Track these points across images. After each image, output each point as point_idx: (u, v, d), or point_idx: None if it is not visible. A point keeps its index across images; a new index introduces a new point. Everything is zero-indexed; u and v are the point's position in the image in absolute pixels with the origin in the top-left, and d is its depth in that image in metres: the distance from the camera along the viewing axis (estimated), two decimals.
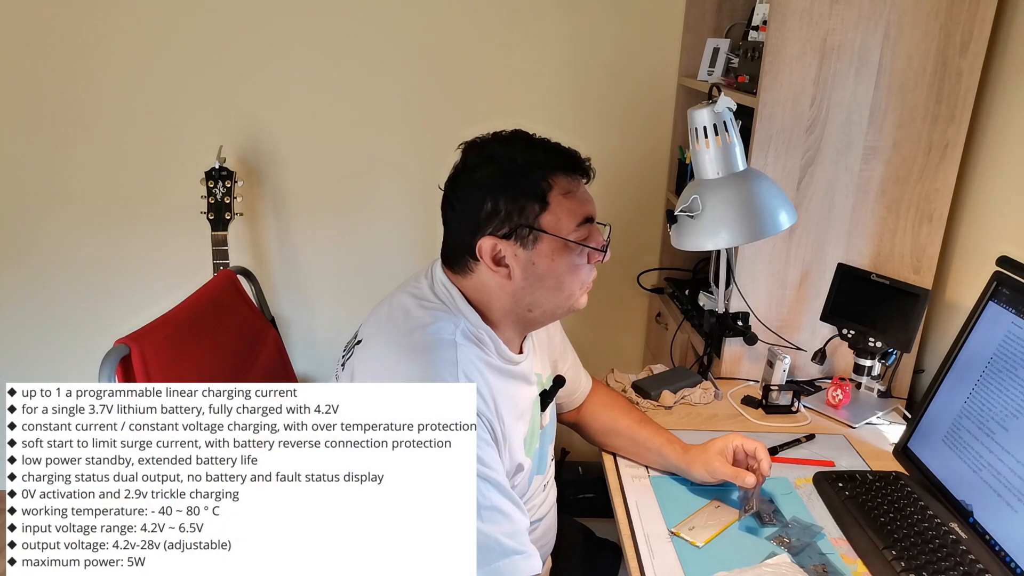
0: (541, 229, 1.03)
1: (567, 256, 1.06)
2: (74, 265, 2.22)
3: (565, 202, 1.04)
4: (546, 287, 1.07)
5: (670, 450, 1.25)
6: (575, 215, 1.05)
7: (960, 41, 1.43)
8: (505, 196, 1.03)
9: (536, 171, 1.03)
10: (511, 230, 1.03)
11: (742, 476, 1.15)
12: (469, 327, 1.06)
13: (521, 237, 1.03)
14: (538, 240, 1.04)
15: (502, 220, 1.03)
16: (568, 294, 1.09)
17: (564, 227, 1.04)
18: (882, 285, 1.47)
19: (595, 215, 1.09)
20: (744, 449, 1.19)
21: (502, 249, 1.04)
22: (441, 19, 2.03)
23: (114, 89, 2.07)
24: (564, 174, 1.05)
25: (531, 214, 1.03)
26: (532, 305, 1.08)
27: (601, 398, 1.38)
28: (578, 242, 1.06)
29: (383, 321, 1.10)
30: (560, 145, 1.08)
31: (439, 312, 1.07)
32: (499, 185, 1.03)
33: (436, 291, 1.10)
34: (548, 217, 1.04)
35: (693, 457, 1.22)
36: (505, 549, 0.97)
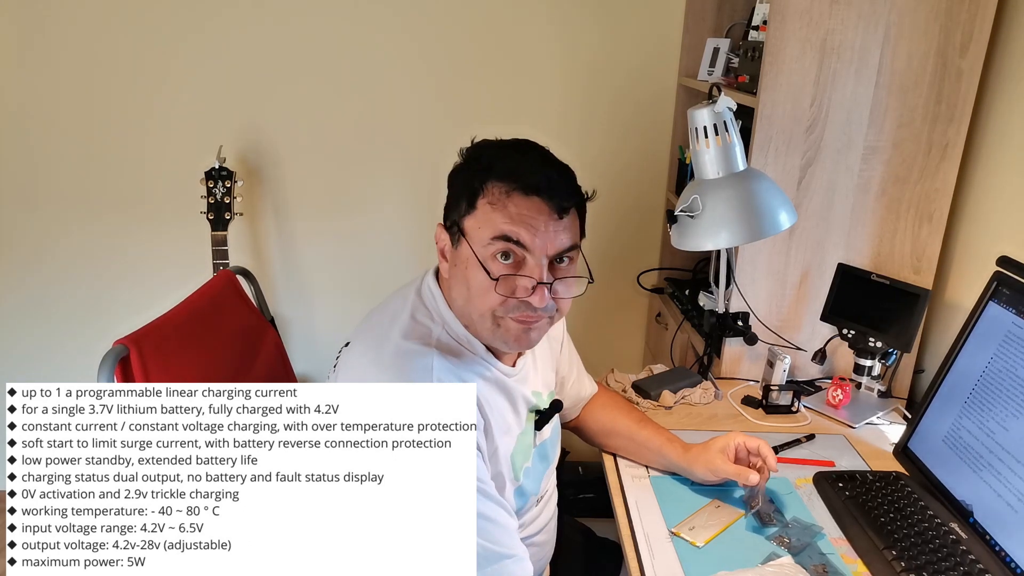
0: (461, 230, 1.02)
1: (474, 270, 1.00)
2: (73, 265, 2.22)
3: (489, 210, 0.98)
4: (468, 296, 1.02)
5: (671, 449, 1.24)
6: (491, 228, 0.98)
7: (960, 41, 1.43)
8: (452, 187, 1.05)
9: (480, 172, 1.00)
10: (450, 223, 1.05)
11: (745, 474, 1.14)
12: (448, 334, 1.05)
13: (452, 233, 1.04)
14: (459, 241, 1.02)
15: (447, 210, 1.05)
16: (480, 313, 1.01)
17: (478, 237, 0.99)
18: (882, 285, 1.47)
19: (524, 241, 0.97)
20: (747, 447, 1.18)
21: (441, 239, 1.06)
22: (441, 20, 2.03)
23: (114, 89, 2.07)
24: (508, 184, 0.98)
25: (460, 211, 1.02)
26: (465, 315, 1.05)
27: (601, 399, 1.38)
28: (479, 257, 0.99)
29: (369, 325, 1.10)
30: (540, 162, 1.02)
31: (421, 317, 1.06)
32: (453, 175, 1.05)
33: (423, 295, 1.10)
34: (470, 220, 1.00)
35: (694, 456, 1.21)
36: (494, 555, 0.97)
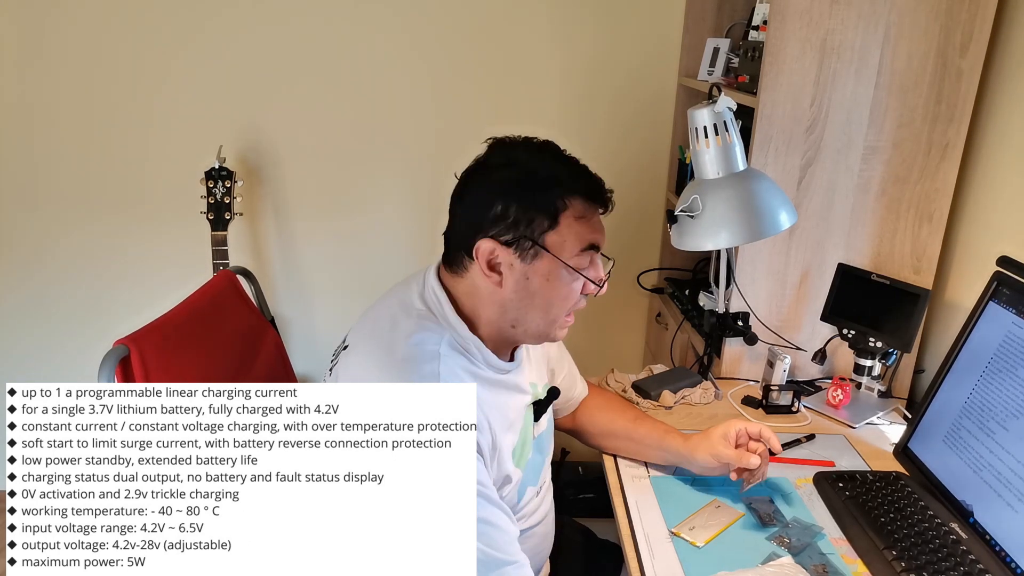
0: (544, 246, 1.02)
1: (562, 280, 1.04)
2: (73, 265, 2.22)
3: (575, 226, 1.03)
4: (535, 306, 1.05)
5: (671, 440, 1.25)
6: (581, 240, 1.03)
7: (960, 41, 1.43)
8: (518, 204, 1.01)
9: (556, 188, 1.02)
10: (514, 239, 1.01)
11: (746, 457, 1.15)
12: (456, 337, 1.05)
13: (522, 248, 1.02)
14: (538, 256, 1.02)
15: (508, 227, 1.01)
16: (552, 319, 1.07)
17: (567, 250, 1.03)
18: (882, 285, 1.47)
19: (602, 245, 1.07)
20: (748, 432, 1.19)
21: (499, 255, 1.02)
22: (442, 20, 2.03)
23: (115, 89, 2.07)
24: (583, 199, 1.03)
25: (538, 229, 1.02)
26: (516, 321, 1.07)
27: (596, 401, 1.38)
28: (576, 269, 1.04)
29: (369, 328, 1.09)
30: (587, 169, 1.07)
31: (426, 321, 1.05)
32: (514, 192, 1.01)
33: (426, 298, 1.08)
34: (554, 236, 1.02)
35: (696, 444, 1.21)
36: (496, 561, 0.97)
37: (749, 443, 1.19)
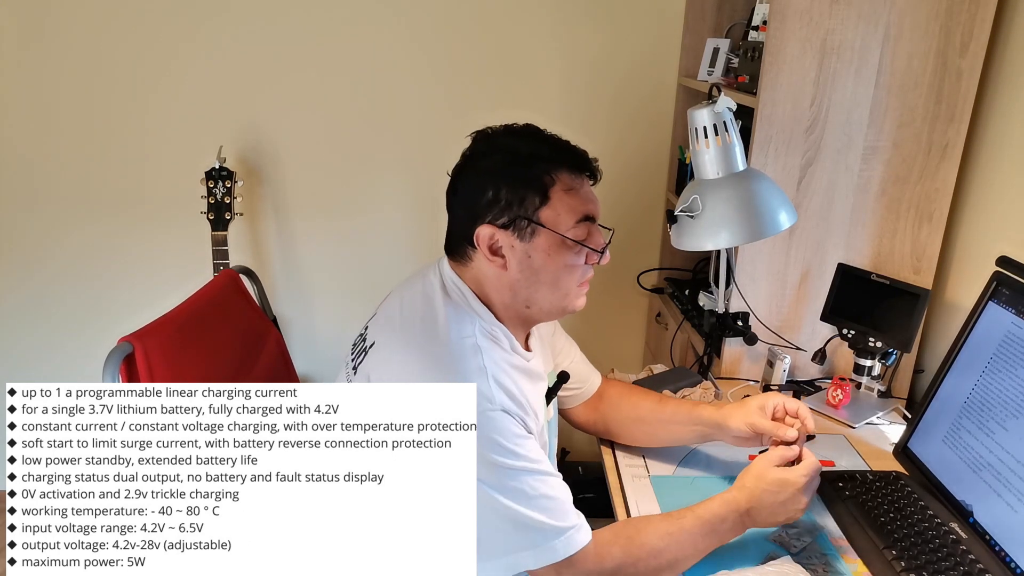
0: (539, 223, 1.04)
1: (564, 253, 1.06)
2: (73, 265, 2.22)
3: (566, 198, 1.05)
4: (542, 282, 1.07)
5: (701, 411, 1.25)
6: (575, 212, 1.05)
7: (960, 41, 1.43)
8: (507, 186, 1.03)
9: (540, 164, 1.04)
10: (510, 220, 1.04)
11: (783, 430, 1.14)
12: (484, 325, 1.06)
13: (519, 228, 1.04)
14: (535, 233, 1.04)
15: (502, 209, 1.04)
16: (564, 292, 1.09)
17: (563, 223, 1.05)
18: (882, 285, 1.48)
19: (597, 215, 1.09)
20: (786, 408, 1.18)
21: (499, 239, 1.04)
22: (441, 19, 2.03)
23: (114, 89, 2.07)
24: (568, 171, 1.06)
25: (531, 206, 1.04)
26: (529, 301, 1.08)
27: (616, 389, 1.37)
28: (575, 240, 1.06)
29: (397, 323, 1.10)
30: (568, 143, 1.09)
31: (457, 312, 1.07)
32: (502, 174, 1.04)
33: (448, 289, 1.10)
34: (547, 211, 1.04)
35: (730, 412, 1.21)
36: (558, 529, 0.99)
37: (786, 419, 1.18)
